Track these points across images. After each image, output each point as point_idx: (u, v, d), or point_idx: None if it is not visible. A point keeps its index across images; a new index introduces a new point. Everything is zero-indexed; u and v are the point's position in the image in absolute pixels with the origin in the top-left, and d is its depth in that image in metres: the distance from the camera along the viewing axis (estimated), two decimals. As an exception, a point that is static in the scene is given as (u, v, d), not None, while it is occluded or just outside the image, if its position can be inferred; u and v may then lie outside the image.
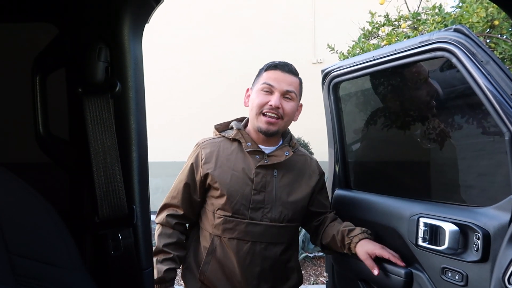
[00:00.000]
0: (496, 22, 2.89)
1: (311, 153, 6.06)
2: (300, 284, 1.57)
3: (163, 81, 6.82)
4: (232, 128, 1.51)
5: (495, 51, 2.77)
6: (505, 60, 2.79)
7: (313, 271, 3.87)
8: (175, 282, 1.45)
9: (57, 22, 0.86)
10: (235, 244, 1.39)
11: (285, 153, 1.44)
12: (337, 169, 1.82)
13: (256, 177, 1.40)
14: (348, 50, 3.83)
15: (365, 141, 1.83)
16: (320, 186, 1.56)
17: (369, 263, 1.35)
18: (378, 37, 3.77)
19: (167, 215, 1.45)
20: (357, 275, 1.60)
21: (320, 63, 6.69)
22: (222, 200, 1.39)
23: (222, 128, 1.54)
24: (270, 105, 1.38)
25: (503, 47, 2.73)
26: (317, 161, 1.59)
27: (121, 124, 0.88)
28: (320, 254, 3.91)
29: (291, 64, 1.46)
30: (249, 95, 1.50)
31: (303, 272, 3.80)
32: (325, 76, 1.76)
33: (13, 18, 0.87)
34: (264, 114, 1.40)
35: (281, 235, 1.44)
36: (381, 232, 1.48)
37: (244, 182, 1.40)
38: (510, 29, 3.02)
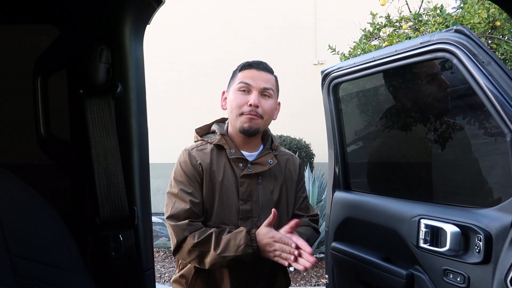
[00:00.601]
0: (498, 23, 2.89)
1: (313, 155, 6.06)
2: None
3: (164, 82, 6.84)
4: (214, 132, 1.48)
5: (496, 52, 2.77)
6: (506, 61, 2.79)
7: (315, 273, 3.87)
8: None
9: (58, 24, 0.87)
10: None
11: (269, 161, 1.42)
12: (337, 170, 1.81)
13: (241, 187, 1.38)
14: (349, 51, 3.83)
15: (365, 142, 1.83)
16: (300, 183, 1.53)
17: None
18: (379, 38, 3.77)
19: (188, 225, 1.31)
20: (357, 277, 1.60)
21: (321, 64, 6.70)
22: (212, 211, 1.36)
23: (203, 131, 1.51)
24: (250, 105, 1.36)
25: (504, 48, 2.73)
26: (298, 159, 1.59)
27: (122, 125, 0.88)
28: (322, 255, 3.91)
29: (266, 62, 1.45)
30: (225, 98, 1.47)
31: (304, 273, 3.81)
32: (325, 77, 1.76)
33: (15, 19, 0.87)
34: (244, 114, 1.38)
35: None
36: (382, 234, 1.48)
37: (230, 191, 1.37)
38: (511, 30, 3.01)
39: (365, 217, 1.56)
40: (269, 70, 1.44)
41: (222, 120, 1.55)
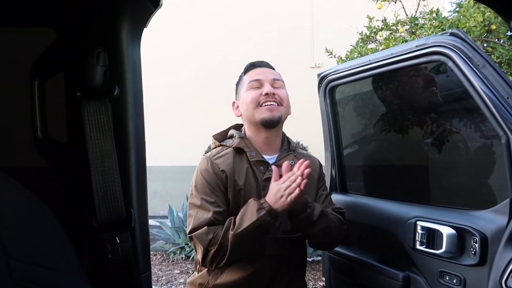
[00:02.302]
0: (493, 27, 2.91)
1: (310, 157, 6.07)
2: None
3: (163, 85, 6.83)
4: (232, 136, 1.46)
5: (492, 56, 2.78)
6: (502, 64, 2.80)
7: (312, 276, 3.86)
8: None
9: (55, 27, 0.87)
10: (247, 259, 1.33)
11: (290, 163, 1.37)
12: (333, 173, 1.82)
13: (264, 191, 1.32)
14: (346, 55, 3.84)
15: (362, 144, 1.84)
16: (321, 182, 1.50)
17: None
18: (376, 41, 3.79)
19: (208, 228, 1.26)
20: (354, 280, 1.60)
21: (319, 67, 6.70)
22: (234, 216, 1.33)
23: (221, 137, 1.49)
24: (266, 94, 1.34)
25: (500, 51, 2.75)
26: (317, 159, 1.56)
27: (119, 128, 0.88)
28: (319, 258, 3.90)
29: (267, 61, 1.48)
30: (237, 106, 1.45)
31: (301, 276, 3.80)
32: (321, 80, 1.77)
33: (12, 22, 0.87)
34: (261, 105, 1.35)
35: (295, 247, 1.38)
36: (378, 236, 1.48)
37: (253, 196, 1.33)
38: (507, 34, 3.03)
39: (362, 219, 1.56)
40: (272, 67, 1.47)
41: (237, 127, 1.52)
